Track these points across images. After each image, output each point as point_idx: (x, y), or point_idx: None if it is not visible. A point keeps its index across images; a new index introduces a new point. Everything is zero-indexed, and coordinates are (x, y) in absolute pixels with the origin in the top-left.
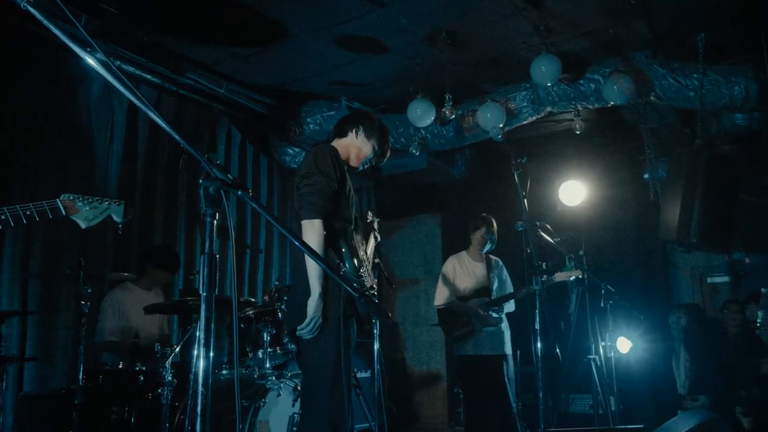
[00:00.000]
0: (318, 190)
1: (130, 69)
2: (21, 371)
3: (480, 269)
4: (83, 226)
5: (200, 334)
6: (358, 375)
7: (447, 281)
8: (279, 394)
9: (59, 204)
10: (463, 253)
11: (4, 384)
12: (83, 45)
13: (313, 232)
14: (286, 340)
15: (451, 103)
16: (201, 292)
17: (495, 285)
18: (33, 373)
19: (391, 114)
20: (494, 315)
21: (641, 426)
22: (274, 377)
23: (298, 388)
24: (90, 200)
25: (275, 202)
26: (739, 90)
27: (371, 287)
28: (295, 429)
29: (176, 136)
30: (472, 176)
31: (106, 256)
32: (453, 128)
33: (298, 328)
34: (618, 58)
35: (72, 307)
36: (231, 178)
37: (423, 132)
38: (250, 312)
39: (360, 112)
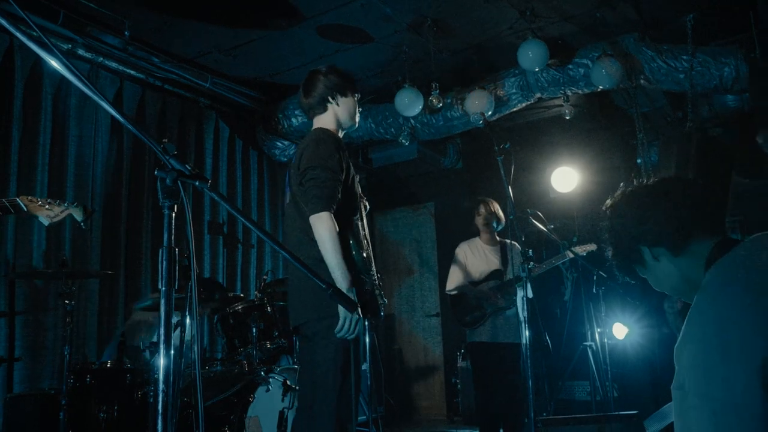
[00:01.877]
0: (322, 183)
1: (113, 65)
2: (10, 372)
3: (493, 253)
4: (45, 223)
5: (160, 330)
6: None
7: (458, 266)
8: (268, 389)
9: (19, 202)
10: (476, 239)
11: None
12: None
13: (322, 226)
14: (275, 333)
15: (438, 92)
16: (160, 287)
17: (509, 269)
18: (22, 374)
19: (380, 104)
20: (504, 298)
21: (635, 412)
22: (263, 372)
23: (288, 383)
24: (49, 201)
25: (266, 196)
26: (729, 71)
27: (379, 284)
28: (285, 424)
29: (134, 129)
30: (465, 166)
31: (94, 255)
32: (442, 117)
33: (336, 330)
34: (606, 42)
35: (58, 307)
36: (188, 168)
37: (412, 122)
38: (239, 307)
39: (316, 77)
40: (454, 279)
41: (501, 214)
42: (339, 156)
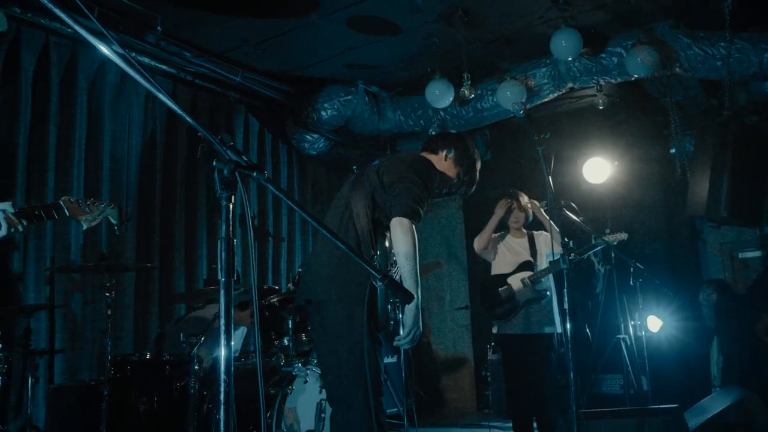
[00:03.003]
0: (417, 196)
1: (145, 60)
2: (51, 364)
3: (521, 245)
4: (84, 227)
5: (221, 321)
6: (385, 361)
7: (485, 258)
8: (306, 381)
9: (62, 204)
10: (504, 232)
11: (36, 376)
12: (99, 37)
13: (404, 232)
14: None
15: (469, 83)
16: (220, 277)
17: (538, 260)
18: (62, 366)
19: (409, 96)
20: (532, 289)
21: (676, 405)
22: (300, 364)
23: None
24: (88, 202)
25: (296, 189)
26: None
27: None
28: (323, 416)
29: (191, 122)
30: (494, 157)
31: (129, 249)
32: (472, 108)
33: (397, 339)
34: (640, 30)
35: (96, 299)
36: (246, 159)
37: (442, 113)
38: (275, 299)
39: (457, 135)
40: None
41: (528, 209)
42: (434, 183)
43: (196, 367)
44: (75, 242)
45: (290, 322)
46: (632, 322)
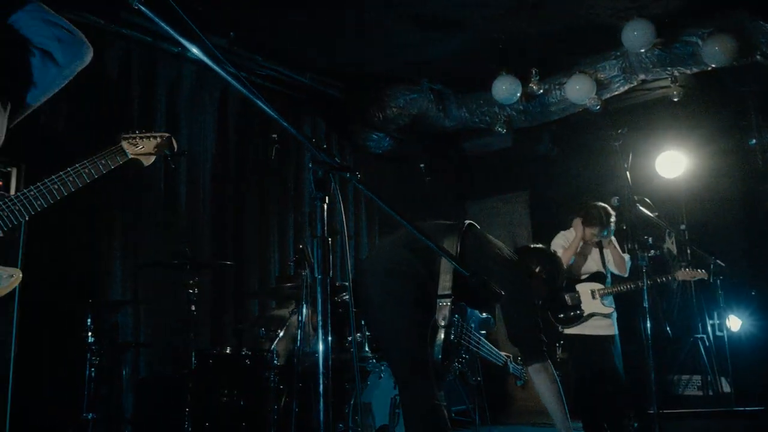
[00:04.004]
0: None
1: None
2: (137, 357)
3: (593, 254)
4: (145, 163)
5: (318, 317)
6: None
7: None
8: (380, 377)
9: (123, 147)
10: (572, 231)
11: (124, 369)
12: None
13: (549, 376)
14: None
15: (538, 78)
16: (316, 275)
17: (609, 270)
18: (146, 359)
19: (474, 93)
20: (605, 304)
21: (761, 408)
22: (374, 360)
23: None
24: (143, 133)
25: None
26: None
27: None
28: (398, 411)
29: (288, 126)
30: (561, 152)
31: (205, 248)
32: (539, 103)
33: None
34: (716, 18)
35: (178, 295)
36: (338, 161)
37: (508, 109)
38: (346, 296)
39: (554, 257)
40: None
41: (612, 226)
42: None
43: (275, 362)
44: (158, 238)
45: (362, 318)
46: (710, 322)
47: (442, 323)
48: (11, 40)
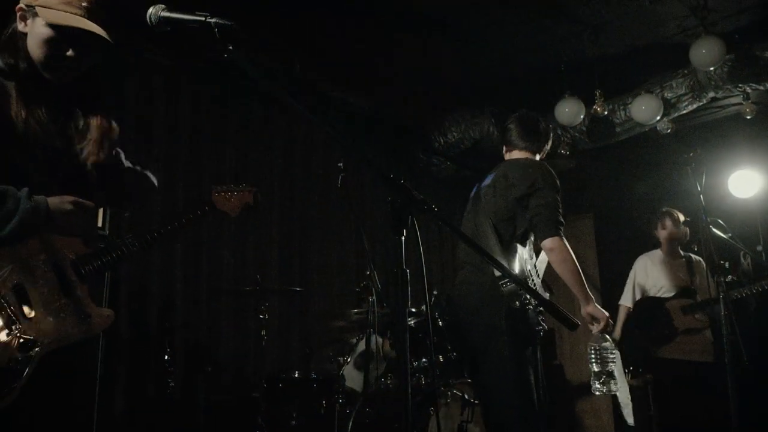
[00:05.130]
0: (556, 209)
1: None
2: (209, 378)
3: (680, 268)
4: (232, 215)
5: (397, 346)
6: None
7: (635, 280)
8: (447, 403)
9: (214, 203)
10: (656, 252)
11: (198, 390)
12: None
13: (561, 249)
14: (448, 347)
15: (602, 99)
16: (397, 306)
17: (698, 287)
18: (221, 383)
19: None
20: (693, 317)
21: None
22: (441, 386)
23: (465, 396)
24: (234, 186)
25: None
26: None
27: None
28: None
29: (376, 168)
30: (629, 172)
31: (272, 274)
32: (604, 125)
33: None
34: None
35: (249, 320)
36: (417, 194)
37: (571, 131)
38: (411, 321)
39: (545, 127)
40: (629, 294)
41: (686, 229)
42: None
43: (343, 386)
44: (227, 266)
45: (428, 343)
46: None
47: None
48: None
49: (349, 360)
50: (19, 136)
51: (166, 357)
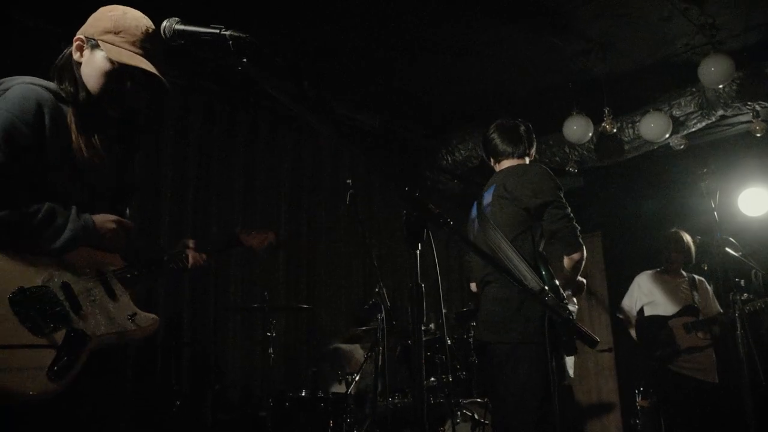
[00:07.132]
0: (573, 220)
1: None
2: (216, 396)
3: (682, 287)
4: (258, 250)
5: (411, 363)
6: None
7: (637, 294)
8: (457, 422)
9: (237, 234)
10: (659, 271)
11: (206, 410)
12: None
13: (581, 263)
14: (457, 366)
15: (611, 117)
16: (412, 322)
17: (700, 306)
18: (229, 400)
19: (544, 134)
20: (701, 336)
21: None
22: (451, 405)
23: (475, 416)
24: (257, 231)
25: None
26: None
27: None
28: None
29: (394, 186)
30: (635, 189)
31: (281, 291)
32: (612, 143)
33: None
34: None
35: (254, 337)
36: (432, 208)
37: (579, 149)
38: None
39: (526, 129)
40: (629, 303)
41: (691, 252)
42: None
43: (351, 406)
44: (233, 283)
45: (436, 362)
46: None
47: None
48: None
49: (357, 378)
50: (75, 160)
51: (172, 374)
